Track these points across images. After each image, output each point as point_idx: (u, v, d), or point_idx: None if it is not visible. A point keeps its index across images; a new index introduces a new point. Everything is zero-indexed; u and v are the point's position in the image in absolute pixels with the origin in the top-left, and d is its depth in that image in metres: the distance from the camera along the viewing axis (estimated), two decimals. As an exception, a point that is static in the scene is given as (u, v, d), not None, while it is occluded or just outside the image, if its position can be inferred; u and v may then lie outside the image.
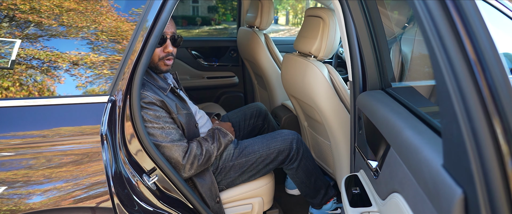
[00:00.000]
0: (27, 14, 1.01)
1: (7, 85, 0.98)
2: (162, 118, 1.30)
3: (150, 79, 1.37)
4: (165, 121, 1.30)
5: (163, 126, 1.29)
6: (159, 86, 1.37)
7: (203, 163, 1.37)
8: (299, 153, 1.58)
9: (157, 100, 1.29)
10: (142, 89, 1.27)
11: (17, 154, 0.98)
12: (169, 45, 1.39)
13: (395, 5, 1.73)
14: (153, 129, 1.28)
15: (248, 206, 1.59)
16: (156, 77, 1.39)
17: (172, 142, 1.30)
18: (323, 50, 1.57)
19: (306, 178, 1.64)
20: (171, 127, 1.32)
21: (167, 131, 1.30)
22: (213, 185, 1.47)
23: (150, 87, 1.32)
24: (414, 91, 1.33)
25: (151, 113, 1.27)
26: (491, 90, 0.57)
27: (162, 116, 1.30)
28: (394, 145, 0.94)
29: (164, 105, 1.32)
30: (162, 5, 1.09)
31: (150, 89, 1.31)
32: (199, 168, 1.37)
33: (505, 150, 0.56)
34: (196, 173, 1.38)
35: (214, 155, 1.41)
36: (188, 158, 1.32)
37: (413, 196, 0.81)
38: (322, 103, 1.57)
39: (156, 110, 1.29)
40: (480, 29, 0.59)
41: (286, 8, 12.65)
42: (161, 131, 1.29)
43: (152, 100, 1.28)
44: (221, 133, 1.48)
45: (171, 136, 1.31)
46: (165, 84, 1.39)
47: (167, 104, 1.32)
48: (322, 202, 1.74)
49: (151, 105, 1.28)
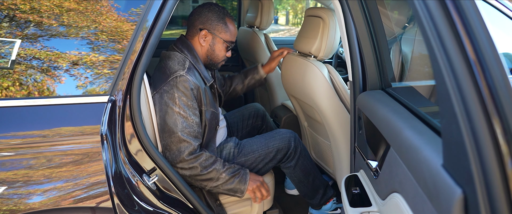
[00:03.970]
0: (27, 14, 1.01)
1: (7, 85, 0.98)
2: (191, 109, 1.30)
3: (198, 66, 1.41)
4: (193, 113, 1.30)
5: (188, 117, 1.29)
6: (204, 75, 1.41)
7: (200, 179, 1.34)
8: (297, 151, 1.58)
9: (195, 87, 1.31)
10: (187, 73, 1.30)
11: (17, 154, 0.98)
12: (230, 51, 1.56)
13: (395, 5, 1.73)
14: (178, 114, 1.27)
15: (248, 206, 1.59)
16: (203, 67, 1.44)
17: (188, 135, 1.29)
18: (323, 50, 1.57)
19: (304, 177, 1.64)
20: (195, 122, 1.31)
21: (190, 123, 1.29)
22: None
23: (194, 73, 1.34)
24: (414, 91, 1.33)
25: (184, 99, 1.28)
26: (491, 90, 0.57)
27: (193, 106, 1.30)
28: (394, 145, 0.94)
29: (199, 95, 1.33)
30: (162, 5, 1.09)
31: (193, 75, 1.33)
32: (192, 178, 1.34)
33: (505, 150, 0.56)
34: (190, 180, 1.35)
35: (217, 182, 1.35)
36: (191, 160, 1.30)
37: (413, 196, 0.81)
38: (322, 103, 1.57)
39: (190, 97, 1.29)
40: (480, 29, 0.59)
41: (286, 8, 12.65)
42: (184, 120, 1.28)
43: (191, 86, 1.29)
44: (243, 176, 1.41)
45: (190, 129, 1.29)
46: (209, 76, 1.46)
47: (202, 95, 1.34)
48: (321, 202, 1.74)
49: (188, 90, 1.29)
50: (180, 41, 1.47)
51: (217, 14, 1.47)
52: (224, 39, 1.48)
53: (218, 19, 1.47)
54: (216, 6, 1.49)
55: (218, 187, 1.37)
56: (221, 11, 1.48)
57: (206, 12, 1.46)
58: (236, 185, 1.39)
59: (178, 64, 1.35)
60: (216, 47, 1.49)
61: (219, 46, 1.49)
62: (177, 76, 1.30)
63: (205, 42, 1.47)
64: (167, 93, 1.29)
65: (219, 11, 1.47)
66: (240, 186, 1.39)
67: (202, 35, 1.46)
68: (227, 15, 1.50)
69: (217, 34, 1.47)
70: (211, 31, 1.46)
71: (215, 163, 1.35)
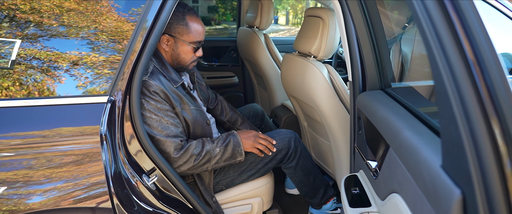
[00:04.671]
0: (27, 14, 1.01)
1: (7, 85, 0.98)
2: (162, 111, 1.28)
3: (164, 70, 1.36)
4: (165, 114, 1.29)
5: (161, 119, 1.28)
6: (171, 77, 1.36)
7: (199, 164, 1.34)
8: (297, 152, 1.58)
9: (161, 91, 1.28)
10: (149, 77, 1.27)
11: (17, 154, 0.98)
12: (200, 50, 1.46)
13: (395, 5, 1.73)
14: (150, 119, 1.26)
15: (248, 206, 1.59)
16: (170, 69, 1.39)
17: (167, 137, 1.28)
18: (322, 50, 1.57)
19: (304, 177, 1.64)
20: (170, 122, 1.30)
21: (165, 125, 1.28)
22: (209, 185, 1.47)
23: (158, 77, 1.31)
24: (413, 92, 1.33)
25: (152, 103, 1.26)
26: (490, 91, 0.57)
27: (163, 108, 1.29)
28: (394, 145, 0.94)
29: (167, 98, 1.30)
30: (162, 5, 1.09)
31: (157, 79, 1.30)
32: (193, 169, 1.34)
33: (504, 150, 0.56)
34: (187, 172, 1.36)
35: (214, 158, 1.36)
36: (182, 155, 1.30)
37: (412, 197, 0.81)
38: (321, 104, 1.57)
39: (158, 100, 1.28)
40: (478, 30, 0.59)
41: (286, 8, 12.66)
42: (158, 124, 1.27)
43: (156, 90, 1.27)
44: (233, 139, 1.41)
45: (168, 131, 1.29)
46: (178, 78, 1.40)
47: (171, 97, 1.31)
48: (322, 201, 1.74)
49: (154, 94, 1.27)
50: None
51: (176, 15, 1.37)
52: (187, 41, 1.39)
53: (178, 21, 1.37)
54: (177, 6, 1.38)
55: (218, 162, 1.37)
56: (180, 11, 1.38)
57: None
58: (233, 150, 1.39)
59: None
60: (180, 51, 1.41)
61: (183, 49, 1.41)
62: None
63: (168, 47, 1.40)
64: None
65: (177, 11, 1.37)
66: (236, 149, 1.40)
67: (164, 40, 1.38)
68: (189, 13, 1.39)
69: (179, 37, 1.38)
70: (172, 35, 1.38)
71: (204, 145, 1.36)
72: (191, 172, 1.36)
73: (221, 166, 1.41)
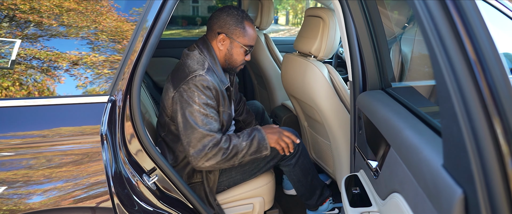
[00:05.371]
0: (27, 14, 1.01)
1: (7, 85, 0.98)
2: (210, 107, 1.33)
3: (216, 69, 1.42)
4: (211, 111, 1.33)
5: (208, 114, 1.31)
6: (220, 77, 1.42)
7: (227, 158, 1.34)
8: (298, 150, 1.59)
9: (214, 87, 1.33)
10: (206, 73, 1.33)
11: (17, 154, 0.98)
12: (249, 55, 1.54)
13: (395, 5, 1.73)
14: (198, 112, 1.30)
15: (249, 206, 1.59)
16: (220, 69, 1.45)
17: (209, 130, 1.31)
18: (323, 50, 1.57)
19: (303, 176, 1.64)
20: (214, 118, 1.34)
21: (210, 120, 1.32)
22: (214, 187, 1.48)
23: (212, 75, 1.36)
24: (414, 91, 1.33)
25: (203, 97, 1.30)
26: (491, 90, 0.57)
27: (211, 104, 1.33)
28: (394, 145, 0.94)
29: (217, 96, 1.35)
30: (162, 5, 1.09)
31: (212, 76, 1.35)
32: (220, 163, 1.34)
33: (505, 150, 0.56)
34: (214, 167, 1.36)
35: (241, 152, 1.36)
36: (212, 149, 1.31)
37: (413, 196, 0.81)
38: (322, 103, 1.57)
39: (209, 96, 1.32)
40: (480, 29, 0.59)
41: (286, 8, 12.66)
42: (204, 117, 1.31)
43: (210, 85, 1.32)
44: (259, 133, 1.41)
45: (211, 125, 1.32)
46: (225, 80, 1.45)
47: (219, 96, 1.36)
48: (318, 203, 1.74)
49: (207, 90, 1.31)
50: (201, 41, 1.48)
51: (236, 18, 1.45)
52: (242, 43, 1.47)
53: (237, 23, 1.45)
54: (236, 9, 1.47)
55: (244, 156, 1.38)
56: (239, 14, 1.46)
57: (224, 16, 1.45)
58: (258, 144, 1.40)
59: (198, 64, 1.38)
60: (234, 52, 1.48)
61: (237, 51, 1.48)
62: (196, 75, 1.32)
63: (223, 46, 1.47)
64: (186, 92, 1.32)
65: (237, 15, 1.46)
66: (262, 143, 1.41)
67: (220, 39, 1.45)
68: (246, 19, 1.48)
69: (235, 38, 1.46)
70: (229, 35, 1.45)
71: (231, 139, 1.37)
72: (219, 166, 1.36)
73: (247, 161, 1.42)
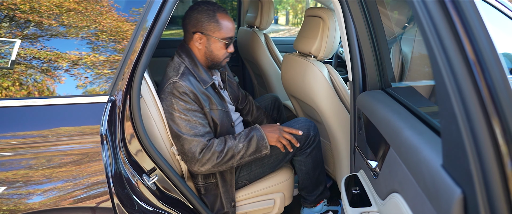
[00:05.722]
0: (27, 14, 1.01)
1: (7, 85, 0.98)
2: (191, 111, 1.32)
3: (195, 70, 1.40)
4: (194, 115, 1.32)
5: (190, 119, 1.31)
6: (201, 78, 1.40)
7: (223, 161, 1.33)
8: (315, 140, 1.58)
9: (190, 91, 1.32)
10: (179, 78, 1.32)
11: (17, 154, 0.98)
12: (231, 46, 1.49)
13: (395, 5, 1.73)
14: (180, 119, 1.30)
15: (270, 201, 1.60)
16: (201, 69, 1.42)
17: (194, 136, 1.30)
18: (323, 50, 1.57)
19: (312, 168, 1.64)
20: (198, 122, 1.33)
21: (193, 125, 1.31)
22: (231, 187, 1.46)
23: (188, 78, 1.35)
24: (414, 91, 1.33)
25: (181, 104, 1.30)
26: (490, 90, 0.57)
27: (192, 109, 1.32)
28: (394, 145, 0.94)
29: (196, 99, 1.34)
30: (162, 5, 1.09)
31: (187, 80, 1.34)
32: (217, 167, 1.33)
33: (504, 150, 0.56)
34: (211, 171, 1.35)
35: (239, 154, 1.35)
36: (205, 154, 1.30)
37: (412, 196, 0.81)
38: (322, 103, 1.57)
39: (187, 101, 1.31)
40: (479, 30, 0.59)
41: (286, 8, 12.65)
42: (187, 123, 1.30)
43: (186, 90, 1.31)
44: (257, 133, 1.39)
45: (195, 130, 1.31)
46: (208, 78, 1.43)
47: (200, 98, 1.34)
48: (317, 199, 1.73)
49: (183, 95, 1.31)
50: (180, 47, 1.47)
51: (207, 13, 1.41)
52: (219, 37, 1.43)
53: (209, 18, 1.41)
54: (205, 4, 1.42)
55: (243, 157, 1.37)
56: (210, 8, 1.41)
57: (195, 14, 1.42)
58: (257, 144, 1.37)
59: (173, 71, 1.37)
60: (213, 48, 1.44)
61: (216, 46, 1.44)
62: (170, 83, 1.33)
63: (201, 45, 1.44)
64: (165, 101, 1.32)
65: (208, 10, 1.41)
66: (260, 142, 1.38)
67: (196, 38, 1.42)
68: (218, 11, 1.43)
69: (211, 34, 1.42)
70: (204, 32, 1.42)
71: (226, 141, 1.36)
72: (216, 169, 1.36)
73: (247, 161, 1.41)
